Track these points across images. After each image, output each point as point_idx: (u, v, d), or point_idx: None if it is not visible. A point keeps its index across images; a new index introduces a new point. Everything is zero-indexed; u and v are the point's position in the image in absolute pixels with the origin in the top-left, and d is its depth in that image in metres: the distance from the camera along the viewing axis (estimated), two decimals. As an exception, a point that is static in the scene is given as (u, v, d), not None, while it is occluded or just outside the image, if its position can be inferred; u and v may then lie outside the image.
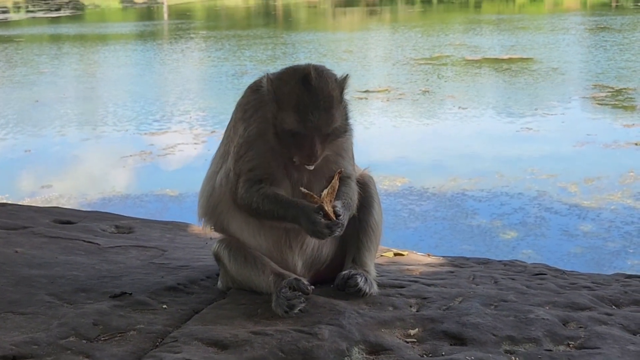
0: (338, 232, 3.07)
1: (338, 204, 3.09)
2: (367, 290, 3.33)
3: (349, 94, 3.25)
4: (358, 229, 3.43)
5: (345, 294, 3.30)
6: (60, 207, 5.78)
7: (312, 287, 3.38)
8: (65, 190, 10.64)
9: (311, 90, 3.04)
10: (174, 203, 9.95)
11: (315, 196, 3.05)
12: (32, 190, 10.68)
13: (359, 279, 3.33)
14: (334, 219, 3.03)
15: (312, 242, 3.32)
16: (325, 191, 3.07)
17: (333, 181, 3.11)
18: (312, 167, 3.13)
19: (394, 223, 8.78)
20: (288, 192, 3.22)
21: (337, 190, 3.15)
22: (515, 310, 3.09)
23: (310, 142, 3.06)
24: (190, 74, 22.23)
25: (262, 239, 3.31)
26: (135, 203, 9.99)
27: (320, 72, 3.11)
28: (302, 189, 3.07)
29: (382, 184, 10.15)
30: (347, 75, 3.21)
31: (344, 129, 3.19)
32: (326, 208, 3.02)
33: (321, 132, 3.07)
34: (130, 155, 12.42)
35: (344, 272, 3.39)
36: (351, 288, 3.31)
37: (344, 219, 3.11)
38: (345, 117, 3.20)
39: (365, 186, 3.46)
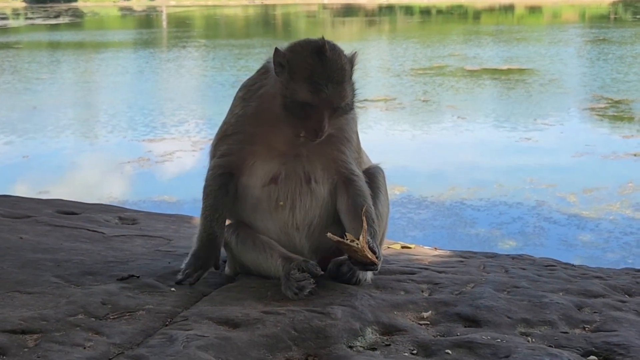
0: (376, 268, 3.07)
1: (369, 240, 3.03)
2: (360, 276, 3.21)
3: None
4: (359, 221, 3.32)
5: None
6: (62, 199, 5.73)
7: (322, 272, 3.36)
8: (62, 196, 10.51)
9: (325, 61, 3.03)
10: (172, 210, 9.87)
11: (347, 243, 2.96)
12: (29, 196, 10.59)
13: (351, 265, 3.17)
14: (375, 260, 2.99)
15: (319, 225, 3.28)
16: (360, 237, 2.97)
17: (363, 225, 2.98)
18: (316, 142, 3.10)
19: (392, 231, 8.71)
20: (275, 172, 3.21)
21: (351, 201, 3.19)
22: (528, 295, 3.06)
23: (320, 115, 3.04)
24: (188, 82, 22.23)
25: (270, 222, 3.29)
26: (132, 209, 9.93)
27: (333, 46, 3.11)
28: (330, 235, 2.98)
29: (381, 193, 10.09)
30: (356, 52, 3.21)
31: (351, 106, 3.17)
32: (365, 252, 2.94)
33: (332, 105, 3.04)
34: (128, 162, 12.37)
35: (339, 258, 3.27)
36: (344, 275, 3.20)
37: (379, 253, 3.10)
38: (354, 94, 3.18)
39: (373, 177, 3.44)
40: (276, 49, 3.14)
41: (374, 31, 42.37)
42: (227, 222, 3.44)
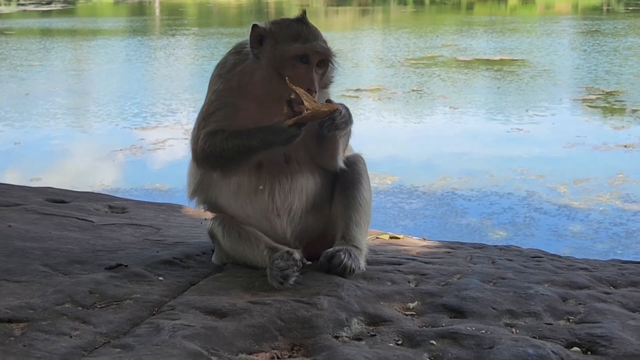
0: (339, 117, 3.07)
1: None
2: (352, 265, 3.21)
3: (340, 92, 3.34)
4: (346, 206, 3.36)
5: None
6: (52, 187, 5.72)
7: (309, 262, 3.37)
8: (54, 183, 10.48)
9: (308, 24, 3.22)
10: (163, 197, 9.85)
11: (304, 114, 2.99)
12: (21, 182, 10.55)
13: (343, 256, 3.21)
14: (333, 108, 3.03)
15: (299, 209, 3.30)
16: (305, 103, 2.99)
17: (298, 92, 3.00)
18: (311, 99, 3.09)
19: (383, 221, 8.75)
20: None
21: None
22: (514, 286, 3.08)
23: (310, 70, 3.13)
24: (180, 70, 22.16)
25: (250, 209, 3.29)
26: (124, 197, 9.91)
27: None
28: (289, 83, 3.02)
29: (372, 182, 10.05)
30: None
31: (333, 76, 3.31)
32: (319, 109, 2.98)
33: (321, 55, 3.15)
34: (120, 150, 12.34)
35: (328, 250, 3.27)
36: (336, 268, 3.19)
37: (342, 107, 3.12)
38: (332, 71, 3.31)
39: (353, 165, 3.45)
40: (255, 24, 3.24)
41: (367, 21, 42.28)
42: (213, 215, 3.45)
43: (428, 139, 13.23)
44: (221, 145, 3.17)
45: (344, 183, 3.40)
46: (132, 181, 10.65)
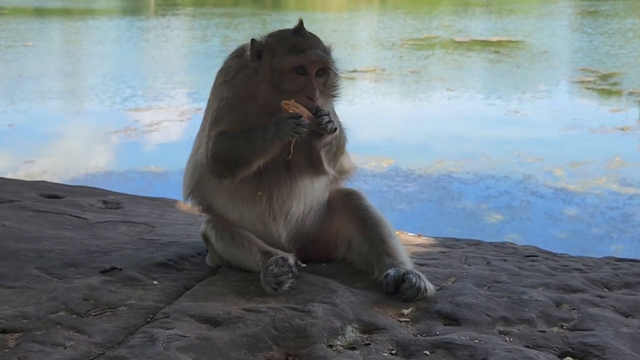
0: (325, 118, 3.04)
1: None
2: (425, 286, 3.04)
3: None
4: (367, 223, 3.32)
5: (340, 272, 3.25)
6: (46, 182, 5.70)
7: (304, 265, 3.37)
8: (48, 166, 10.52)
9: (304, 34, 3.18)
10: (158, 180, 9.86)
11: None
12: (14, 165, 10.55)
13: (414, 279, 3.03)
14: (312, 106, 3.03)
15: (296, 213, 3.29)
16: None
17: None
18: (314, 106, 3.09)
19: (379, 204, 8.67)
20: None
21: None
22: (508, 291, 3.08)
23: (309, 78, 3.12)
24: (175, 50, 22.05)
25: (246, 212, 3.29)
26: (119, 180, 9.90)
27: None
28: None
29: (368, 165, 10.12)
30: (331, 44, 3.29)
31: (336, 72, 3.24)
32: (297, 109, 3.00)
33: (319, 64, 3.12)
34: (115, 132, 12.31)
35: (389, 272, 3.10)
36: (406, 291, 3.02)
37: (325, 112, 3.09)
38: (337, 71, 3.25)
39: (359, 197, 3.45)
40: (253, 39, 3.22)
41: (363, 1, 42.04)
42: (207, 217, 3.44)
43: (425, 121, 13.21)
44: (229, 146, 3.15)
45: (349, 199, 3.41)
46: (127, 163, 10.63)
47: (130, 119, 13.19)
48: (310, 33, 3.21)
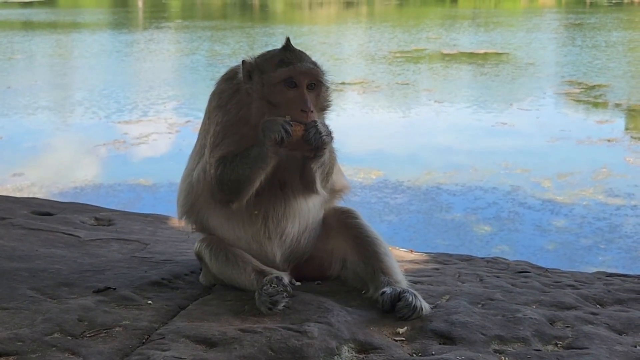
0: (311, 131, 3.02)
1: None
2: (421, 305, 3.04)
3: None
4: (362, 241, 3.32)
5: (334, 290, 3.25)
6: (37, 198, 5.68)
7: (299, 283, 3.37)
8: (37, 178, 10.48)
9: (292, 49, 3.19)
10: (147, 193, 9.83)
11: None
12: (2, 177, 10.51)
13: (410, 298, 3.03)
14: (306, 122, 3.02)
15: (290, 233, 3.29)
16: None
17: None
18: (308, 121, 3.08)
19: (368, 216, 8.67)
20: (268, 174, 3.17)
21: None
22: (502, 309, 3.10)
23: (301, 92, 3.11)
24: (163, 63, 22.04)
25: (242, 232, 3.29)
26: (108, 192, 9.88)
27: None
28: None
29: (357, 177, 10.15)
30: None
31: (329, 99, 3.26)
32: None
33: (309, 76, 3.13)
34: (104, 144, 12.28)
35: (386, 291, 3.11)
36: (402, 310, 3.01)
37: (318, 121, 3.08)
38: (327, 93, 3.27)
39: (355, 216, 3.45)
40: (243, 60, 3.23)
41: (351, 14, 42.23)
42: (201, 235, 3.44)
43: (413, 133, 13.26)
44: (231, 165, 3.14)
45: (344, 218, 3.41)
46: (116, 176, 10.60)
47: (119, 131, 13.16)
48: (298, 49, 3.23)
